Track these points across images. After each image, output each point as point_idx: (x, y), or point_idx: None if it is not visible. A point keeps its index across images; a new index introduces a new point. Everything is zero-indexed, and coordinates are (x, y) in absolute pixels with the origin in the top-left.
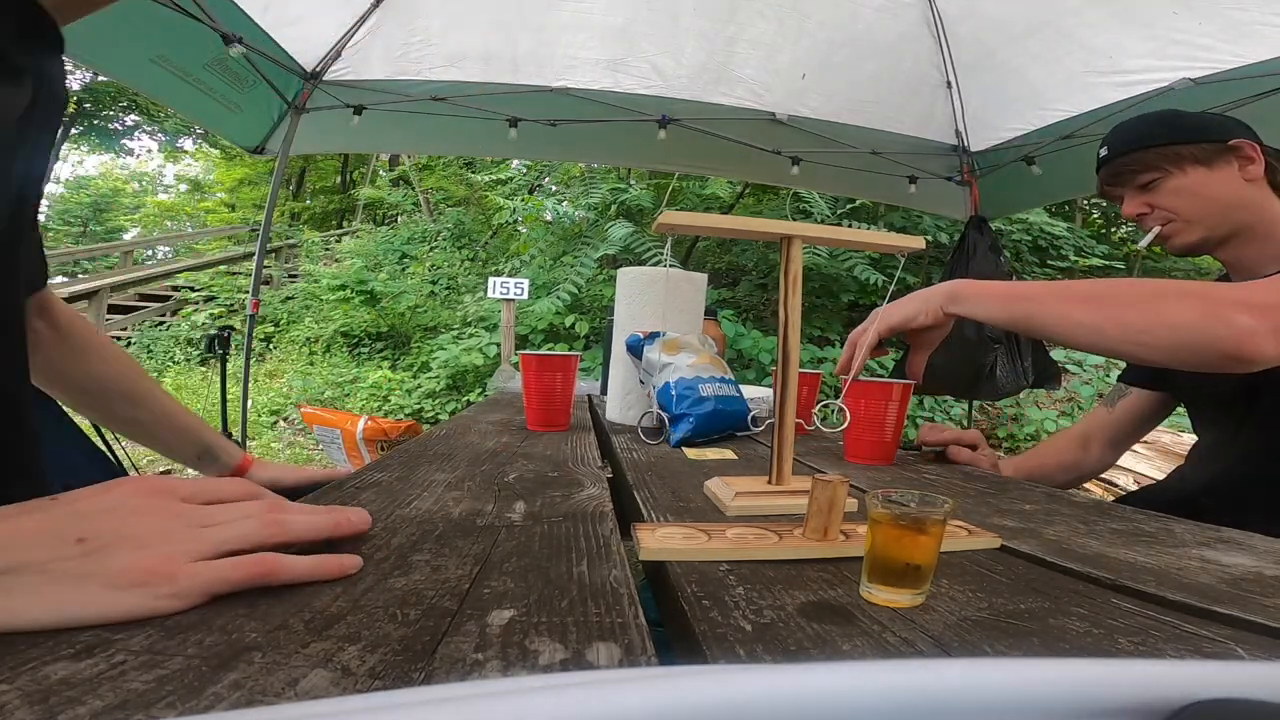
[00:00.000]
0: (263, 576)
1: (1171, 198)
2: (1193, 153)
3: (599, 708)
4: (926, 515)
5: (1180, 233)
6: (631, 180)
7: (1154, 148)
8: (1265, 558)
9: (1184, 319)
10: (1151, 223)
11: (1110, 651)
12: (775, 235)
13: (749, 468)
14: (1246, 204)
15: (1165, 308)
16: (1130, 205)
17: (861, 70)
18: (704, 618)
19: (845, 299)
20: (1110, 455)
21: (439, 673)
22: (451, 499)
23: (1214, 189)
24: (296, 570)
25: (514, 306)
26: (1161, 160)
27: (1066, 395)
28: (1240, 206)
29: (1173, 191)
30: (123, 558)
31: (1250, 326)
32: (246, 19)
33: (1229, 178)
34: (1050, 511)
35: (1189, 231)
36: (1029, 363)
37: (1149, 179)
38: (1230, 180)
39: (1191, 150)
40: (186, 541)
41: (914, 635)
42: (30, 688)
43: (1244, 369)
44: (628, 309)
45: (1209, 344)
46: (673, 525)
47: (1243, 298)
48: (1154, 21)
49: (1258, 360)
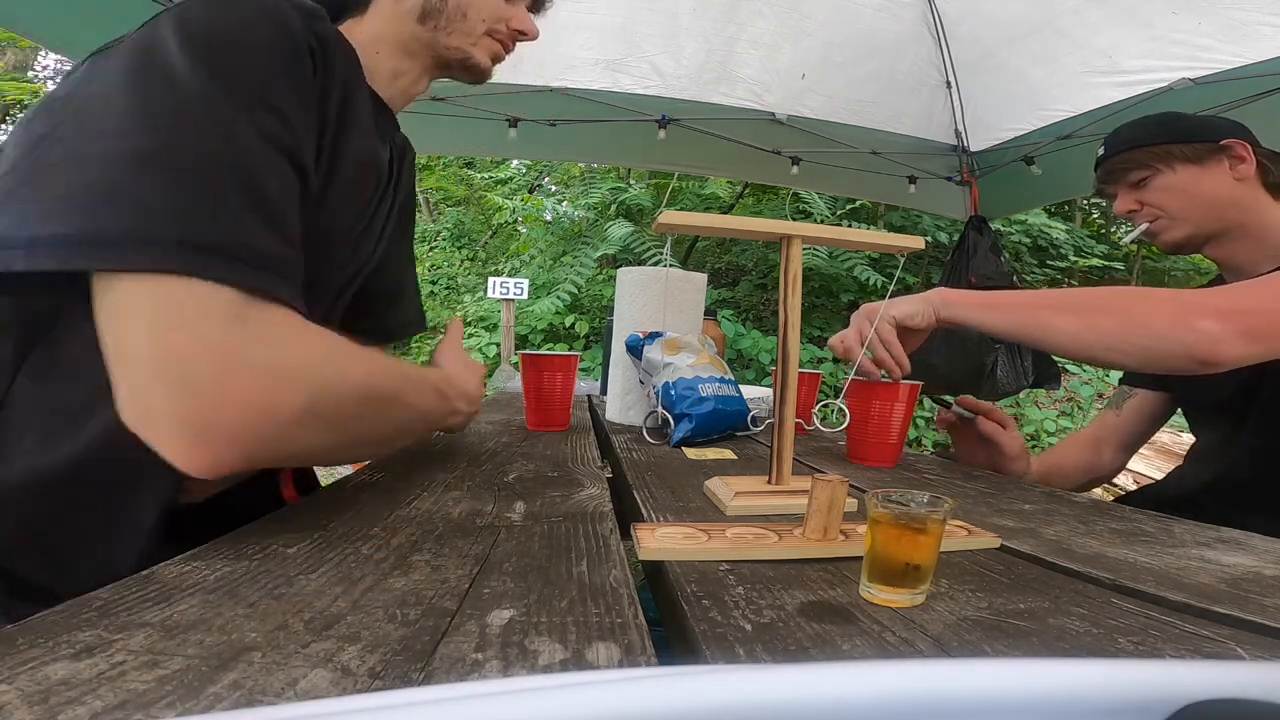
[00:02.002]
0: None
1: (1160, 195)
2: (1183, 151)
3: (598, 708)
4: (926, 515)
5: (1168, 229)
6: (631, 180)
7: (1146, 147)
8: (1265, 558)
9: (1154, 325)
10: (1141, 219)
11: (1110, 651)
12: (775, 235)
13: (749, 467)
14: (1237, 202)
15: (1138, 314)
16: (1122, 202)
17: (861, 70)
18: (703, 617)
19: (845, 299)
20: (1122, 457)
21: (439, 673)
22: (451, 499)
23: (1204, 187)
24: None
25: (514, 306)
26: (1152, 159)
27: (1066, 395)
28: (1230, 205)
29: (1162, 189)
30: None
31: (1214, 331)
32: None
33: (1219, 176)
34: (1050, 511)
35: (1176, 228)
36: (1029, 362)
37: (1140, 176)
38: (1221, 179)
39: (1182, 149)
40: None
41: (914, 635)
42: (30, 688)
43: (1209, 371)
44: (627, 309)
45: (1178, 349)
46: (672, 525)
47: (1209, 303)
48: (1153, 21)
49: (1220, 363)
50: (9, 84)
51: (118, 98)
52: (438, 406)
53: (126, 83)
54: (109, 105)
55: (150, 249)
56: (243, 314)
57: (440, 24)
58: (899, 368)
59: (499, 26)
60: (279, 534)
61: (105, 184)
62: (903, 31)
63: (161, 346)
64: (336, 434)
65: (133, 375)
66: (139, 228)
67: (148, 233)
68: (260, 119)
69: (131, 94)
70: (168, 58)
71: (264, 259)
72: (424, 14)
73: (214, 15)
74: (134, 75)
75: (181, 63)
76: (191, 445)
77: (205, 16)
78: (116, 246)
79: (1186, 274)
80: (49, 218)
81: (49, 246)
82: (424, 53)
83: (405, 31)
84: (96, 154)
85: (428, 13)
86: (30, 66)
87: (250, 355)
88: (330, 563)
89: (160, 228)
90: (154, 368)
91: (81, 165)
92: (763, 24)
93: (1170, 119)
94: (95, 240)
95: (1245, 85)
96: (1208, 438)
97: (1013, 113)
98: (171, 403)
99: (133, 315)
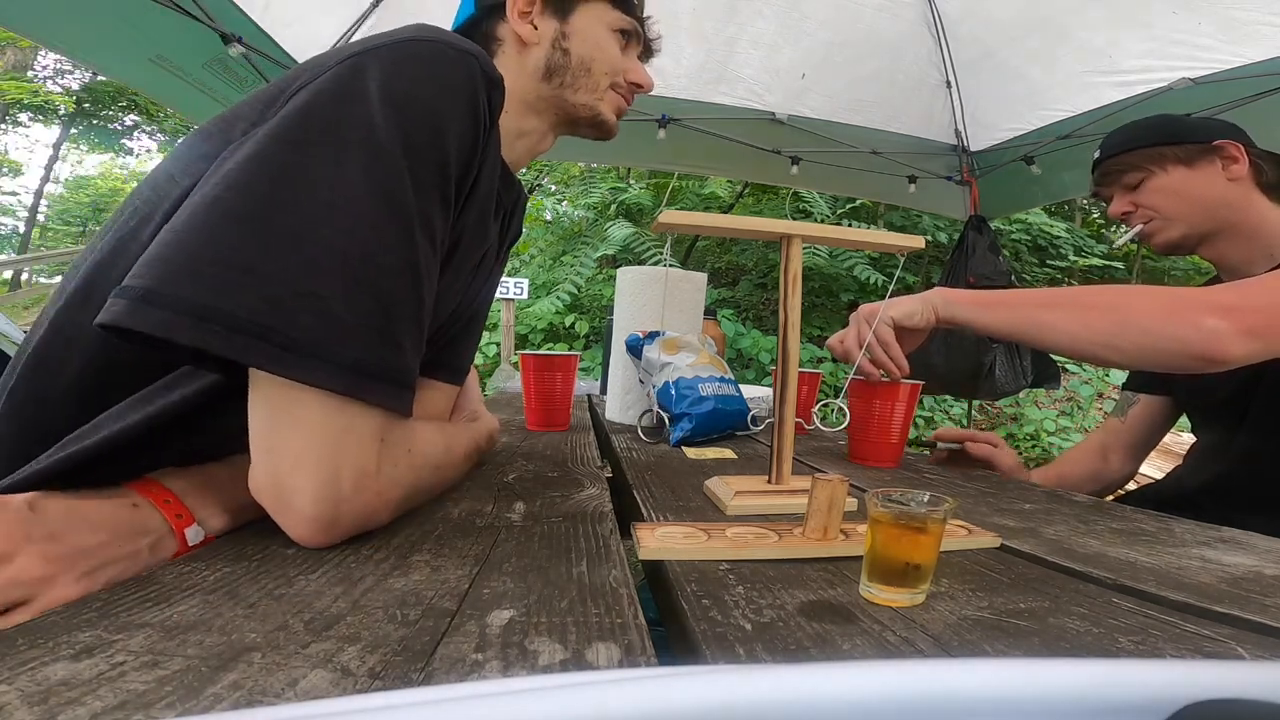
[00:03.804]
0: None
1: (1154, 196)
2: (1175, 153)
3: (598, 708)
4: (926, 515)
5: (1161, 230)
6: (631, 180)
7: (1139, 149)
8: (1265, 557)
9: (1152, 323)
10: (1135, 221)
11: (1110, 651)
12: (775, 235)
13: (748, 467)
14: (1229, 203)
15: (1134, 312)
16: (1116, 205)
17: (861, 70)
18: (703, 617)
19: (845, 299)
20: (1131, 464)
21: (439, 673)
22: (451, 499)
23: (1196, 188)
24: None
25: (514, 306)
26: (1145, 161)
27: (1066, 395)
28: (1223, 205)
29: (1155, 190)
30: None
31: (1217, 328)
32: (246, 19)
33: (1212, 177)
34: (1050, 511)
35: (1169, 229)
36: (1028, 362)
37: (1134, 179)
38: (1213, 180)
39: (1174, 151)
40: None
41: (914, 635)
42: (30, 688)
43: (1213, 369)
44: (627, 309)
45: (1177, 346)
46: (672, 525)
47: (1210, 300)
48: (1153, 21)
49: (1225, 361)
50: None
51: (317, 169)
52: (475, 456)
53: (329, 143)
54: (306, 177)
55: (325, 368)
56: (385, 434)
57: (565, 80)
58: (897, 369)
59: (619, 79)
60: (279, 534)
61: (293, 278)
62: (903, 31)
63: (310, 455)
64: (411, 507)
65: (276, 465)
66: (323, 346)
67: (326, 351)
68: (432, 214)
69: (332, 166)
70: (371, 122)
71: (410, 379)
72: (548, 71)
73: (417, 77)
74: (336, 137)
75: (384, 134)
76: (317, 532)
77: (409, 75)
78: (293, 354)
79: (1186, 273)
80: (226, 291)
81: (224, 328)
82: (549, 111)
83: (530, 90)
84: (288, 233)
85: (552, 70)
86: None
87: (384, 473)
88: (330, 563)
89: (337, 347)
90: (298, 469)
91: (266, 242)
92: (763, 24)
93: (1162, 122)
94: (271, 339)
95: (1245, 85)
96: (1206, 438)
97: (1013, 112)
98: (308, 500)
99: (284, 412)
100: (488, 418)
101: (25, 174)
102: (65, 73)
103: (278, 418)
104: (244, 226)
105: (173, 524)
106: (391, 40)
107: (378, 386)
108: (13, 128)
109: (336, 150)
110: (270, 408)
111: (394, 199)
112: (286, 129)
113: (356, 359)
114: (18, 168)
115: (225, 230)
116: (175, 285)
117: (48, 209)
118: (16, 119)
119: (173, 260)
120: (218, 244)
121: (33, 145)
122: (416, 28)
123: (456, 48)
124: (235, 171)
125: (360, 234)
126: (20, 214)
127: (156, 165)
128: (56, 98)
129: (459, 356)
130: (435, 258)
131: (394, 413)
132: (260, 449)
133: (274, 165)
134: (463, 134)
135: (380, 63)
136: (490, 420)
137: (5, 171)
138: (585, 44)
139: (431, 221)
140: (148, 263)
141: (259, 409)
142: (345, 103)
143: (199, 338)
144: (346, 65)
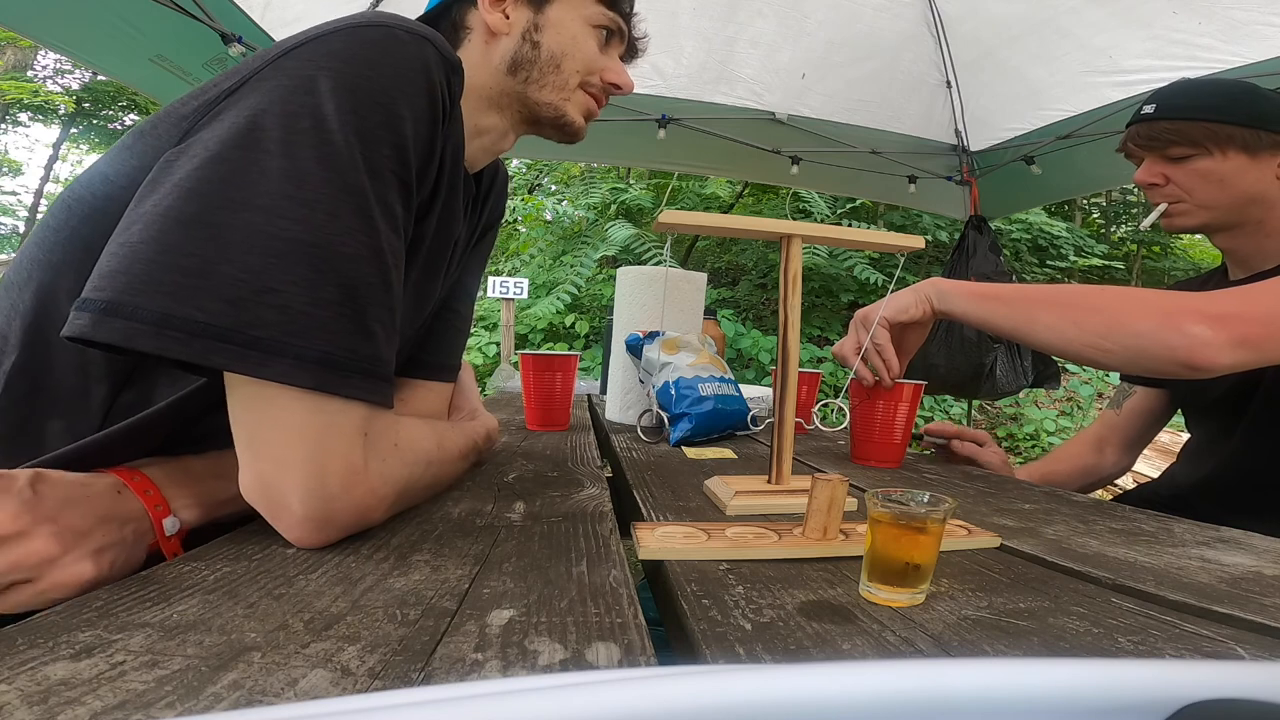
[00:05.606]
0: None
1: (1195, 179)
2: (1245, 138)
3: (598, 708)
4: (926, 515)
5: (1185, 214)
6: (631, 180)
7: (1207, 122)
8: (1265, 557)
9: (1143, 326)
10: (1160, 198)
11: (1110, 651)
12: (775, 235)
13: (748, 467)
14: (1265, 199)
15: (1126, 314)
16: (1146, 172)
17: (861, 70)
18: (703, 617)
19: (845, 298)
20: (1126, 458)
21: (439, 673)
22: (451, 499)
23: (1245, 181)
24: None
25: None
26: (1206, 138)
27: (1066, 395)
28: (1259, 200)
29: (1201, 173)
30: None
31: (1205, 336)
32: (246, 18)
33: (1264, 171)
34: (1049, 511)
35: (1194, 215)
36: (1028, 362)
37: (1182, 153)
38: (1263, 174)
39: (1246, 135)
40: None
41: (914, 635)
42: (30, 688)
43: (1198, 376)
44: (627, 308)
45: (1165, 352)
46: (672, 524)
47: (1202, 308)
48: (1153, 21)
49: (1210, 369)
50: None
51: (268, 162)
52: (473, 455)
53: (278, 136)
54: (258, 172)
55: (291, 364)
56: (367, 428)
57: (531, 75)
58: (887, 374)
59: (592, 79)
60: (279, 534)
61: (251, 276)
62: (903, 31)
63: (294, 455)
64: (407, 505)
65: (262, 467)
66: (287, 342)
67: (291, 347)
68: (391, 199)
69: (282, 159)
70: (320, 111)
71: (386, 369)
72: (514, 64)
73: (368, 61)
74: (286, 129)
75: (335, 122)
76: (311, 532)
77: (359, 59)
78: (257, 352)
79: (1186, 274)
80: (184, 297)
81: (184, 334)
82: (511, 108)
83: (492, 84)
84: (243, 231)
85: (518, 63)
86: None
87: (372, 469)
88: (330, 563)
89: (302, 341)
90: (284, 470)
91: (223, 243)
92: (763, 24)
93: (1246, 96)
94: (234, 340)
95: None
96: (1202, 436)
97: (1013, 112)
98: (298, 499)
99: (263, 413)
100: (486, 417)
101: (25, 174)
102: (65, 73)
103: (257, 419)
104: (199, 230)
105: (151, 514)
106: (339, 27)
107: (351, 380)
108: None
109: (286, 142)
110: (248, 410)
111: (349, 184)
112: (234, 127)
113: (324, 352)
114: (18, 167)
115: (180, 236)
116: (134, 295)
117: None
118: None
119: (130, 271)
120: (174, 250)
121: (33, 145)
122: (366, 14)
123: (409, 31)
124: (186, 177)
125: (317, 222)
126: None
127: (89, 166)
128: (56, 98)
129: (446, 354)
130: (400, 242)
131: (375, 406)
132: (245, 452)
133: (224, 165)
134: (418, 119)
135: (329, 49)
136: (488, 419)
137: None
138: (558, 38)
139: (391, 206)
140: (107, 275)
141: (238, 412)
142: (293, 93)
143: (160, 345)
144: (292, 55)
